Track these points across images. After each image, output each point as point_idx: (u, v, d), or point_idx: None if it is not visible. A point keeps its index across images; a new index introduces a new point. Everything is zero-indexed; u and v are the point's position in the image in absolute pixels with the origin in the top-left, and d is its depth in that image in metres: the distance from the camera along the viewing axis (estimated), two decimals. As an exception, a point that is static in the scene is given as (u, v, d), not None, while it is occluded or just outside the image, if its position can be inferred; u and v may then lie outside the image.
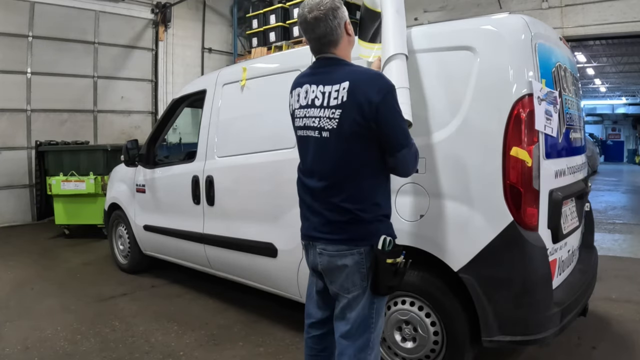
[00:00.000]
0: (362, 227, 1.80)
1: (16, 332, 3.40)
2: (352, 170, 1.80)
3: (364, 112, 1.71)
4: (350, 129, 1.74)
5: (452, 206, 2.38)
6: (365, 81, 1.75)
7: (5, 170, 7.89)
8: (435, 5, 8.95)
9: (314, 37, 1.85)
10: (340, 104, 1.74)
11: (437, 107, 2.50)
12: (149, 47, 9.74)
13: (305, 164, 1.93)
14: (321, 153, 1.82)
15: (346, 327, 1.85)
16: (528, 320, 2.25)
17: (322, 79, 1.83)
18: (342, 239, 1.81)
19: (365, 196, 1.81)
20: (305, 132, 1.88)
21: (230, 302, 4.00)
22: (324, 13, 1.82)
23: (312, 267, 1.97)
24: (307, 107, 1.86)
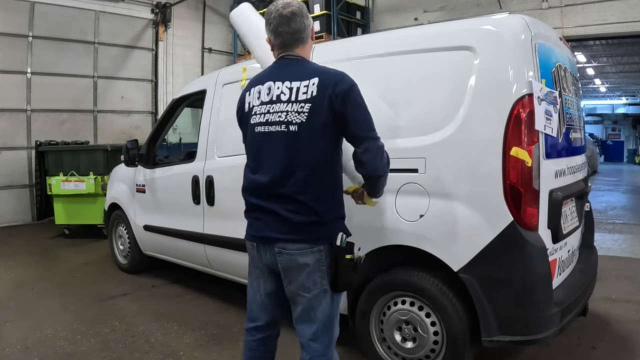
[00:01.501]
0: (325, 227, 1.86)
1: (16, 332, 3.40)
2: (318, 164, 1.85)
3: (333, 105, 1.79)
4: (320, 122, 1.80)
5: (452, 206, 2.38)
6: (333, 77, 1.84)
7: (5, 170, 7.89)
8: (435, 5, 8.95)
9: (289, 30, 1.91)
10: (310, 98, 1.80)
11: (437, 107, 2.50)
12: (149, 47, 9.74)
13: (261, 162, 1.91)
14: (287, 147, 1.83)
15: (312, 328, 1.89)
16: (528, 320, 2.25)
17: (287, 76, 1.88)
18: (304, 239, 1.83)
19: (328, 194, 1.89)
20: (267, 128, 1.88)
21: (230, 302, 4.00)
22: (299, 9, 1.91)
23: (268, 268, 1.96)
24: (270, 102, 1.88)
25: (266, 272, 1.98)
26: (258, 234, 1.94)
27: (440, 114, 2.46)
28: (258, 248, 1.96)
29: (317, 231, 1.85)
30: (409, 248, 2.53)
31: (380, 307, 2.67)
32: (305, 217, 1.83)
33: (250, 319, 2.08)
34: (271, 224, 1.87)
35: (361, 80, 2.82)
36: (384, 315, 2.65)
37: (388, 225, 2.58)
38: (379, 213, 2.63)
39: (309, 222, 1.83)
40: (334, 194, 1.93)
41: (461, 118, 2.38)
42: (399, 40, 2.81)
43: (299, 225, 1.83)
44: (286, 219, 1.83)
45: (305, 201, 1.83)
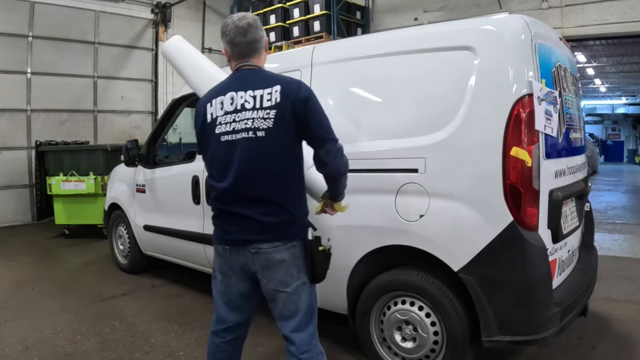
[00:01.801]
0: (296, 224, 1.98)
1: (16, 332, 3.40)
2: (286, 165, 1.96)
3: (296, 110, 1.90)
4: (285, 126, 1.90)
5: (452, 206, 2.38)
6: (294, 84, 1.96)
7: (5, 170, 7.89)
8: (435, 5, 8.95)
9: (245, 41, 2.00)
10: (275, 105, 1.90)
11: (437, 107, 2.51)
12: (149, 47, 9.74)
13: (229, 169, 1.95)
14: (256, 151, 1.91)
15: (294, 321, 1.98)
16: (528, 320, 2.25)
17: (249, 85, 1.96)
18: (278, 237, 1.93)
19: (296, 193, 2.01)
20: (234, 136, 1.94)
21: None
22: (254, 22, 2.02)
23: (242, 269, 2.00)
24: (235, 112, 1.95)
25: (239, 273, 2.02)
26: (233, 237, 1.98)
27: (440, 114, 2.46)
28: (231, 251, 2.00)
29: (290, 229, 1.96)
30: (408, 248, 2.53)
31: (380, 307, 2.67)
32: (279, 217, 1.93)
33: (219, 321, 2.12)
34: (245, 227, 1.94)
35: (361, 80, 2.86)
36: (384, 315, 2.65)
37: (388, 225, 2.58)
38: (379, 213, 2.63)
39: (283, 221, 1.94)
40: (301, 192, 2.05)
41: (461, 118, 2.38)
42: (399, 40, 2.81)
43: (274, 225, 1.92)
44: (261, 221, 1.91)
45: (278, 201, 1.93)
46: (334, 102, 2.96)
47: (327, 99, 2.98)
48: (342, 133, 2.84)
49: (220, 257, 2.07)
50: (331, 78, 2.98)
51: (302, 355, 1.97)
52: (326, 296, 2.97)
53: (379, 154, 2.67)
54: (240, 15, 2.03)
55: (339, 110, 2.93)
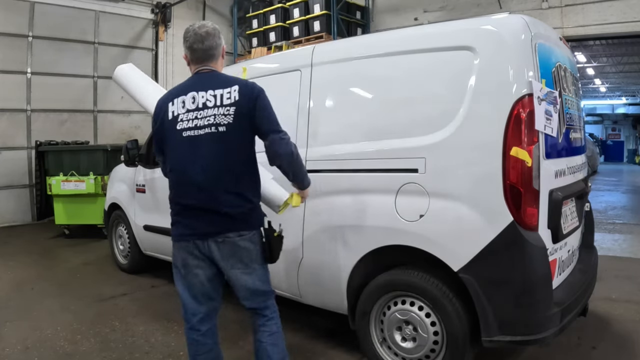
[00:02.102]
0: (256, 212, 2.22)
1: (16, 332, 3.40)
2: (244, 158, 2.17)
3: (250, 107, 2.12)
4: (244, 121, 2.12)
5: (452, 206, 2.38)
6: (249, 85, 2.18)
7: (5, 170, 7.89)
8: (435, 5, 8.95)
9: (203, 47, 2.21)
10: (234, 102, 2.11)
11: (437, 107, 2.51)
12: (149, 47, 9.74)
13: (194, 162, 2.12)
14: (221, 148, 2.11)
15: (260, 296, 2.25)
16: (528, 320, 2.25)
17: (209, 86, 2.16)
18: (242, 226, 2.14)
19: (253, 183, 2.22)
20: (196, 132, 2.12)
21: (230, 302, 3.98)
22: (213, 30, 2.23)
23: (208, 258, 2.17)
24: (197, 109, 2.14)
25: (207, 262, 2.19)
26: (200, 231, 2.14)
27: (440, 114, 2.46)
28: (196, 244, 2.15)
29: (251, 218, 2.18)
30: (409, 248, 2.53)
31: (380, 307, 2.67)
32: (243, 207, 2.14)
33: (191, 315, 2.24)
34: (213, 220, 2.11)
35: (362, 80, 2.86)
36: (384, 316, 2.65)
37: (388, 225, 2.58)
38: (379, 213, 2.63)
39: (246, 211, 2.15)
40: (258, 183, 2.26)
41: (461, 118, 2.38)
42: (399, 40, 2.81)
43: (238, 216, 2.12)
44: (227, 213, 2.10)
45: (241, 192, 2.14)
46: (333, 102, 2.96)
47: (327, 99, 2.99)
48: (342, 133, 2.88)
49: (185, 251, 2.19)
50: (331, 78, 2.99)
51: (269, 321, 2.28)
52: (326, 296, 2.98)
53: (379, 154, 2.67)
54: (200, 23, 2.25)
55: (339, 110, 2.94)
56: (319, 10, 8.58)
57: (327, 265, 2.89)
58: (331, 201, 2.86)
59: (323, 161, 2.92)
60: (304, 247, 3.00)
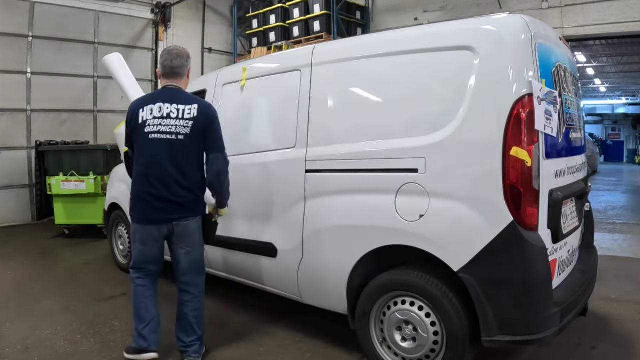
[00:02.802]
0: (199, 203, 2.79)
1: (16, 332, 3.40)
2: (194, 162, 2.72)
3: (204, 124, 2.70)
4: (197, 134, 2.68)
5: (452, 206, 2.38)
6: (206, 106, 2.78)
7: (5, 170, 7.88)
8: (435, 5, 8.95)
9: (171, 65, 2.78)
10: (193, 118, 2.69)
11: (437, 107, 2.51)
12: (149, 47, 9.74)
13: (157, 160, 2.66)
14: (177, 151, 2.67)
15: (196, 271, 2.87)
16: (528, 320, 2.25)
17: (174, 100, 2.71)
18: (191, 214, 2.73)
19: (199, 182, 2.77)
20: (159, 136, 2.67)
21: (230, 302, 4.00)
22: (182, 53, 2.83)
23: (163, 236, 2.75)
24: (162, 118, 2.68)
25: (161, 239, 2.78)
26: (161, 215, 2.70)
27: (440, 114, 2.46)
28: (153, 226, 2.72)
29: (197, 207, 2.77)
30: (409, 248, 2.53)
31: (380, 308, 2.67)
32: (190, 199, 2.71)
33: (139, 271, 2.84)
34: (171, 207, 2.68)
35: (361, 80, 2.86)
36: (384, 316, 2.65)
37: (388, 225, 2.58)
38: (379, 213, 2.63)
39: (193, 201, 2.73)
40: (203, 181, 2.81)
41: (461, 118, 2.38)
42: (399, 40, 2.81)
43: (187, 204, 2.71)
44: (180, 202, 2.68)
45: (191, 187, 2.71)
46: (333, 102, 2.96)
47: (327, 99, 2.99)
48: (342, 133, 2.88)
49: (143, 231, 2.75)
50: (331, 78, 2.99)
51: (199, 293, 2.87)
52: (326, 296, 2.98)
53: (379, 154, 2.67)
54: (173, 46, 2.87)
55: (339, 110, 2.94)
56: (319, 10, 8.58)
57: (327, 265, 2.89)
58: (331, 201, 2.86)
59: (323, 161, 2.92)
60: (304, 247, 3.00)
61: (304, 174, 3.00)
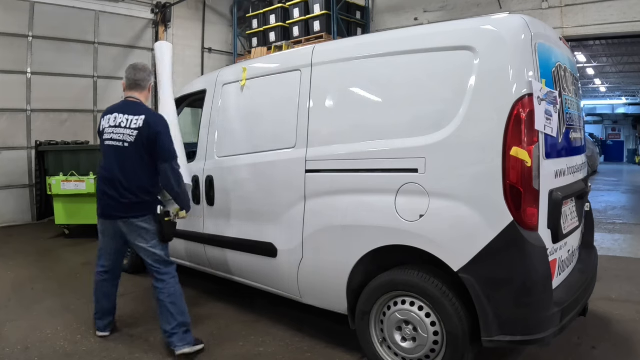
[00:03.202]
0: (147, 204, 3.01)
1: (16, 332, 3.40)
2: (140, 168, 2.98)
3: (150, 135, 2.93)
4: (141, 143, 2.94)
5: (452, 206, 2.38)
6: (153, 119, 2.99)
7: (5, 170, 7.89)
8: (435, 5, 8.95)
9: (134, 78, 3.11)
10: (137, 128, 2.95)
11: (437, 107, 2.51)
12: (149, 47, 9.72)
13: (110, 164, 3.01)
14: (123, 157, 2.97)
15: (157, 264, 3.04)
16: (528, 320, 2.25)
17: (127, 111, 3.02)
18: (137, 214, 2.98)
19: (143, 185, 2.99)
20: (112, 143, 3.00)
21: (230, 302, 4.00)
22: (143, 68, 3.18)
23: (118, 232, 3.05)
24: (115, 127, 3.00)
25: (116, 235, 3.09)
26: (112, 212, 3.02)
27: (440, 114, 2.46)
28: (108, 222, 3.06)
29: (143, 207, 3.00)
30: (409, 248, 2.53)
31: (380, 307, 2.67)
32: (134, 200, 2.96)
33: (101, 266, 3.22)
34: (119, 206, 2.98)
35: (361, 80, 2.86)
36: (384, 316, 2.65)
37: (388, 225, 2.58)
38: (379, 213, 2.63)
39: (137, 202, 2.97)
40: (152, 186, 3.04)
41: (461, 118, 2.38)
42: (399, 40, 2.81)
43: (132, 205, 2.97)
44: (126, 203, 2.96)
45: (134, 190, 2.97)
46: (333, 102, 2.96)
47: (327, 99, 2.99)
48: (342, 133, 2.88)
49: (103, 225, 3.12)
50: (331, 78, 2.99)
51: (170, 280, 3.05)
52: (326, 296, 2.98)
53: (379, 154, 2.67)
54: (139, 62, 3.21)
55: (339, 110, 2.94)
56: (319, 10, 8.58)
57: (327, 265, 2.89)
58: (331, 201, 2.86)
59: (323, 161, 2.92)
60: (304, 247, 3.00)
61: (304, 174, 3.00)
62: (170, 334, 2.97)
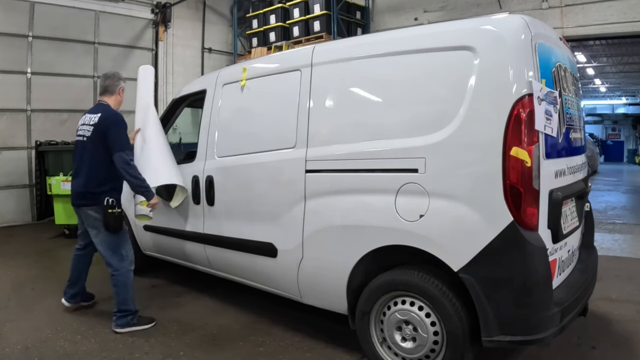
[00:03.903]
0: (98, 195, 3.33)
1: (16, 332, 3.40)
2: (95, 161, 3.35)
3: (101, 130, 3.33)
4: (95, 138, 3.34)
5: (452, 206, 2.38)
6: (106, 114, 3.39)
7: (5, 170, 7.88)
8: (435, 5, 8.95)
9: (104, 84, 3.57)
10: (94, 125, 3.37)
11: (437, 107, 2.51)
12: (149, 47, 9.74)
13: (74, 157, 3.50)
14: (83, 150, 3.41)
15: (106, 252, 3.42)
16: (528, 320, 2.25)
17: (93, 111, 3.48)
18: (89, 203, 3.36)
19: (96, 177, 3.35)
20: (78, 138, 3.47)
21: (230, 302, 4.00)
22: (112, 75, 3.60)
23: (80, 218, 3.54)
24: (82, 124, 3.48)
25: (81, 221, 3.56)
26: (74, 200, 3.48)
27: (440, 114, 2.46)
28: (76, 208, 3.50)
29: (93, 197, 3.34)
30: (409, 248, 2.53)
31: (380, 307, 2.67)
32: (86, 190, 3.36)
33: (78, 244, 3.75)
34: (77, 195, 3.43)
35: (361, 80, 2.86)
36: (384, 316, 2.65)
37: (388, 225, 2.58)
38: (379, 213, 2.63)
39: (88, 192, 3.35)
40: (105, 178, 3.36)
41: (461, 118, 2.38)
42: (399, 40, 2.81)
43: (84, 194, 3.36)
44: (81, 192, 3.38)
45: (86, 181, 3.36)
46: (333, 102, 2.96)
47: (327, 99, 2.99)
48: (342, 133, 2.88)
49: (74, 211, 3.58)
50: (331, 78, 2.99)
51: (115, 272, 3.41)
52: (326, 296, 2.98)
53: (379, 154, 2.67)
54: (109, 71, 3.69)
55: (339, 110, 2.94)
56: (319, 10, 8.58)
57: (327, 265, 2.89)
58: (331, 201, 2.86)
59: (323, 161, 2.92)
60: (304, 247, 3.00)
61: (304, 174, 3.00)
62: (114, 313, 3.43)
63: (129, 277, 3.43)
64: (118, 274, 3.39)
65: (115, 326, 3.38)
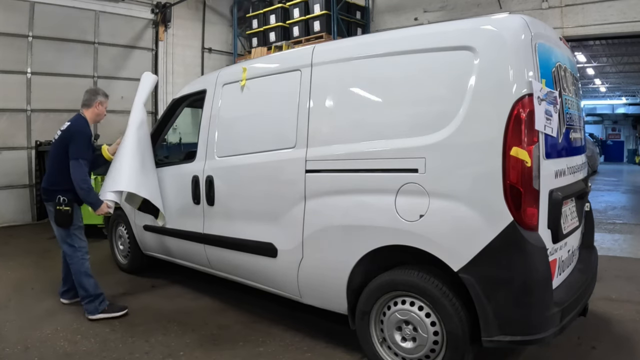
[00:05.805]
0: (53, 193, 3.66)
1: (16, 332, 3.40)
2: (55, 163, 3.70)
3: (65, 137, 3.68)
4: (59, 144, 3.68)
5: (452, 206, 2.38)
6: (73, 124, 3.75)
7: (5, 170, 7.88)
8: (435, 5, 8.95)
9: (83, 97, 3.93)
10: (62, 132, 3.74)
11: (437, 107, 2.51)
12: (149, 47, 9.73)
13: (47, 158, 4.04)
14: (51, 153, 3.81)
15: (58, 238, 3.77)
16: (528, 320, 2.25)
17: (69, 120, 3.83)
18: (48, 199, 3.71)
19: (54, 177, 3.70)
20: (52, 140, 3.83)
21: (230, 302, 4.00)
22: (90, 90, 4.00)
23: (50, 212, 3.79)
24: (58, 129, 3.80)
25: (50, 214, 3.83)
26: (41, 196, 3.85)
27: (440, 114, 2.46)
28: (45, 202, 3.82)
29: (50, 194, 3.67)
30: (409, 248, 2.53)
31: (380, 307, 2.67)
32: (46, 188, 3.72)
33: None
34: (42, 191, 3.80)
35: (361, 80, 2.86)
36: (384, 316, 2.65)
37: (388, 225, 2.58)
38: (379, 213, 2.63)
39: (48, 190, 3.70)
40: (61, 179, 3.63)
41: (461, 118, 2.38)
42: (399, 40, 2.81)
43: (45, 192, 3.73)
44: (44, 188, 3.75)
45: (47, 179, 3.75)
46: (333, 102, 2.96)
47: (327, 99, 2.99)
48: (342, 133, 2.88)
49: None
50: (331, 78, 2.99)
51: (70, 260, 3.72)
52: (326, 296, 2.98)
53: (379, 154, 2.67)
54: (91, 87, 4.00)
55: (339, 110, 2.94)
56: (319, 10, 8.58)
57: (327, 265, 2.89)
58: (331, 201, 2.86)
59: (323, 161, 2.92)
60: (304, 247, 3.00)
61: (304, 174, 3.00)
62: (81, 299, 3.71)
63: (82, 264, 3.68)
64: (72, 262, 3.69)
65: (86, 313, 3.64)
